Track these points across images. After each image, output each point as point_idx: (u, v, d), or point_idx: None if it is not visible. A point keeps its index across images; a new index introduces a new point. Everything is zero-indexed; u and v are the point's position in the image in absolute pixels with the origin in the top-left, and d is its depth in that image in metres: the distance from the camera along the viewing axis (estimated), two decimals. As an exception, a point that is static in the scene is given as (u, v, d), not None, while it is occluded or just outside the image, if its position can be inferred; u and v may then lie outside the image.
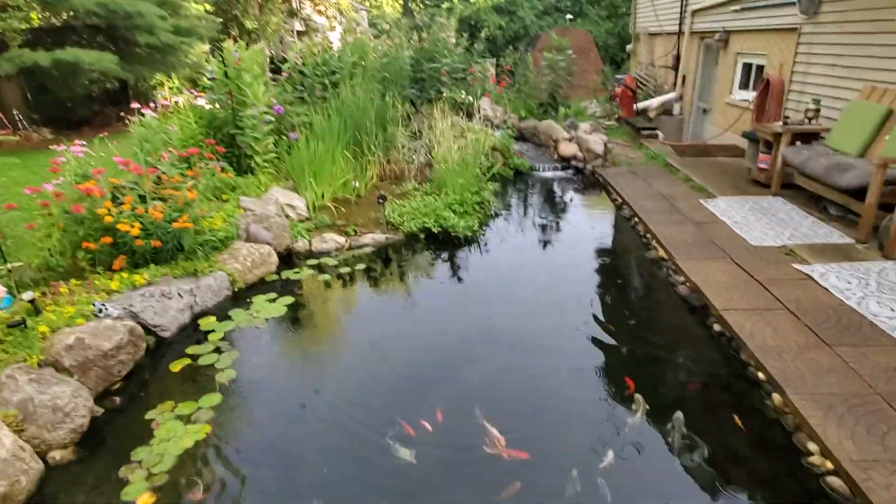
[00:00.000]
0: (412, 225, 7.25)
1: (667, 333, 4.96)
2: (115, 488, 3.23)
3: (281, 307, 5.37)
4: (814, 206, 7.12)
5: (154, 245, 5.15)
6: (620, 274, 6.32)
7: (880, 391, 3.56)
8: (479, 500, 3.16)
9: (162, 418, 3.80)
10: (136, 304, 4.62)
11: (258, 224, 6.38)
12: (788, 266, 5.43)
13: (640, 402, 3.84)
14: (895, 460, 3.01)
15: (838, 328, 4.30)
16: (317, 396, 4.16)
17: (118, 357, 4.15)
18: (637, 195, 8.14)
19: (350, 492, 3.24)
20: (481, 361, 4.49)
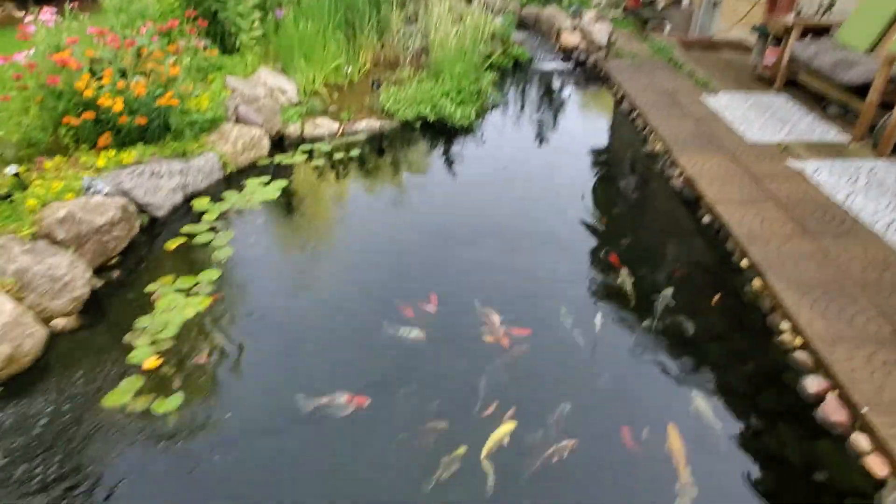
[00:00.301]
0: (408, 113, 7.03)
1: (658, 223, 5.05)
2: (121, 353, 3.38)
3: (274, 191, 5.33)
4: (815, 104, 6.98)
5: (140, 122, 4.97)
6: (616, 167, 6.28)
7: (854, 279, 3.72)
8: (474, 368, 3.36)
9: (162, 291, 3.89)
10: (125, 182, 4.55)
11: (247, 105, 6.14)
12: (783, 162, 5.43)
13: (625, 275, 4.08)
14: (859, 338, 3.22)
15: (823, 221, 4.40)
16: (314, 275, 4.27)
17: (112, 233, 4.16)
18: (639, 89, 7.88)
19: (349, 358, 3.42)
20: (477, 245, 4.57)
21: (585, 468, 2.77)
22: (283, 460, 2.81)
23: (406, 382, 3.23)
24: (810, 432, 2.90)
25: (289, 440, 2.91)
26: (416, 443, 2.87)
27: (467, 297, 3.90)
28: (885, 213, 4.47)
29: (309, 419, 3.01)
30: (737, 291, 3.96)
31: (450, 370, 3.34)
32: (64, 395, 3.08)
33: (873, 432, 2.68)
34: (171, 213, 4.85)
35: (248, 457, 2.81)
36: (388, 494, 2.67)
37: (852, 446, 2.75)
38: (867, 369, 2.99)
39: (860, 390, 2.87)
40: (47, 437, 2.84)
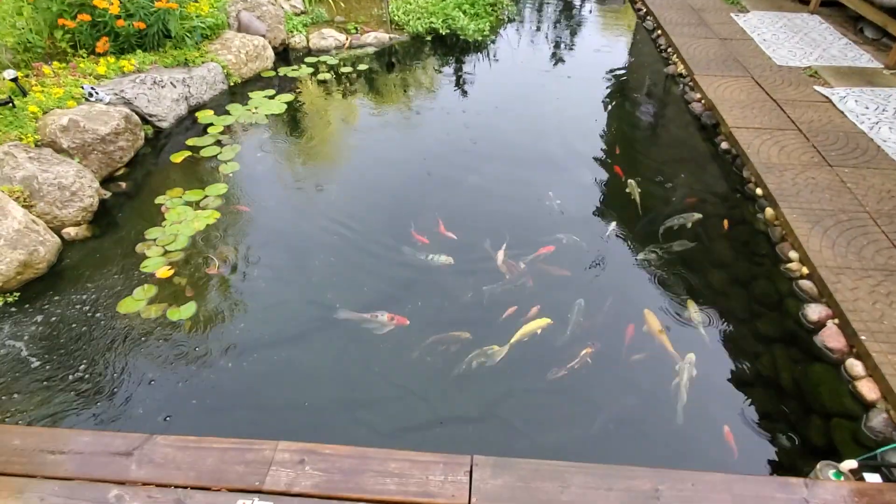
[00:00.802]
0: (418, 25, 6.69)
1: (674, 149, 4.92)
2: (133, 262, 3.43)
3: (280, 104, 5.18)
4: (850, 26, 6.56)
5: (138, 27, 4.75)
6: (635, 89, 6.04)
7: (869, 209, 3.66)
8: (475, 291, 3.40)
9: (171, 203, 3.90)
10: (127, 91, 4.43)
11: (250, 13, 5.84)
12: (809, 87, 5.19)
13: (633, 186, 4.16)
14: (866, 268, 3.21)
15: (845, 150, 4.26)
16: (322, 193, 4.24)
17: (117, 143, 4.10)
18: (664, 5, 7.41)
19: (354, 275, 3.47)
20: (486, 166, 4.50)
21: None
22: (293, 368, 2.92)
23: (412, 300, 3.29)
24: (806, 357, 2.97)
25: (297, 350, 3.01)
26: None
27: (480, 222, 3.89)
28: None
29: (325, 329, 3.10)
30: (748, 219, 3.92)
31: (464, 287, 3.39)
32: (80, 300, 3.16)
33: (869, 358, 2.74)
34: (176, 125, 4.76)
35: (260, 364, 2.91)
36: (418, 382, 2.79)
37: (846, 372, 2.82)
38: (870, 299, 3.01)
39: (860, 318, 2.90)
40: (66, 340, 2.95)
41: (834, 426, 2.65)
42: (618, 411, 2.75)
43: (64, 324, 3.02)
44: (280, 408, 2.75)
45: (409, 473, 2.02)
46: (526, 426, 2.67)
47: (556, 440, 2.62)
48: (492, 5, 7.31)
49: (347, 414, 2.75)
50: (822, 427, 2.67)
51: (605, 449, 2.60)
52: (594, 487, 1.96)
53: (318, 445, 2.10)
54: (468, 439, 2.62)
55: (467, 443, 2.60)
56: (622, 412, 2.75)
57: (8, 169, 3.47)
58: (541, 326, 3.10)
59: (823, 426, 2.67)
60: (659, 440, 2.65)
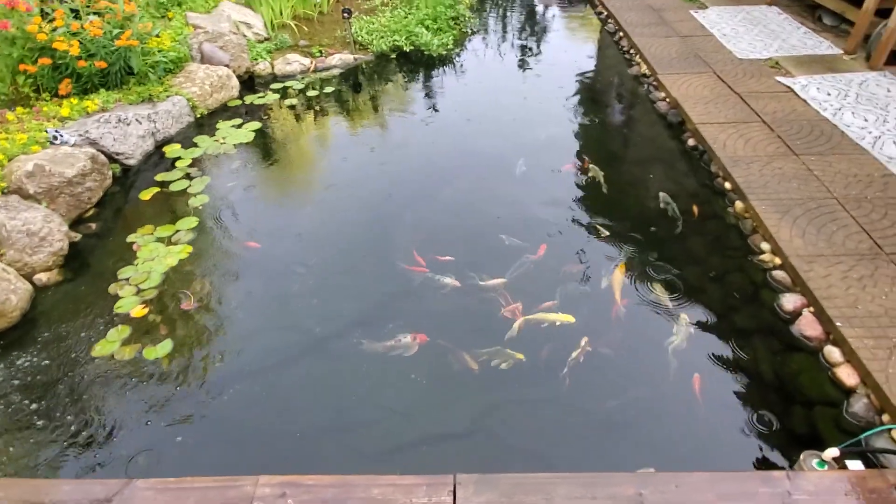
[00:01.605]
0: (382, 44, 6.73)
1: (643, 149, 4.97)
2: (107, 303, 3.38)
3: (248, 133, 5.17)
4: (809, 15, 6.72)
5: (99, 66, 4.72)
6: (600, 91, 6.11)
7: (837, 195, 3.72)
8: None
9: (143, 241, 3.85)
10: (92, 131, 4.39)
11: (212, 43, 5.84)
12: (771, 78, 5.29)
13: (597, 170, 4.31)
14: (837, 255, 3.25)
15: (809, 138, 4.34)
16: (294, 219, 4.22)
17: (85, 184, 4.05)
18: (623, 7, 7.53)
19: (337, 297, 3.44)
20: (456, 180, 4.51)
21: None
22: (274, 398, 2.88)
23: (392, 320, 3.27)
24: (785, 347, 2.98)
25: (278, 379, 2.97)
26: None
27: (455, 234, 3.89)
28: (873, 128, 4.42)
29: (305, 356, 3.07)
30: (719, 214, 3.96)
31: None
32: (54, 347, 3.10)
33: (846, 344, 2.77)
34: (144, 161, 4.72)
35: (241, 396, 2.87)
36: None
37: (825, 359, 2.84)
38: (843, 285, 3.04)
39: (835, 305, 2.93)
40: (42, 389, 2.88)
41: (816, 414, 2.67)
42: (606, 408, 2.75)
43: (39, 372, 2.96)
44: (264, 439, 2.70)
45: (393, 498, 1.99)
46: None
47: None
48: (454, 19, 7.38)
49: (332, 440, 2.71)
50: (805, 416, 2.68)
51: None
52: (578, 497, 1.95)
53: (299, 477, 2.06)
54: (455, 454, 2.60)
55: (455, 459, 2.58)
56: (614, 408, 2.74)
57: (-28, 220, 3.42)
58: (560, 320, 3.11)
59: (806, 415, 2.69)
60: (643, 432, 2.64)
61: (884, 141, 4.21)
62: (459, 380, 2.92)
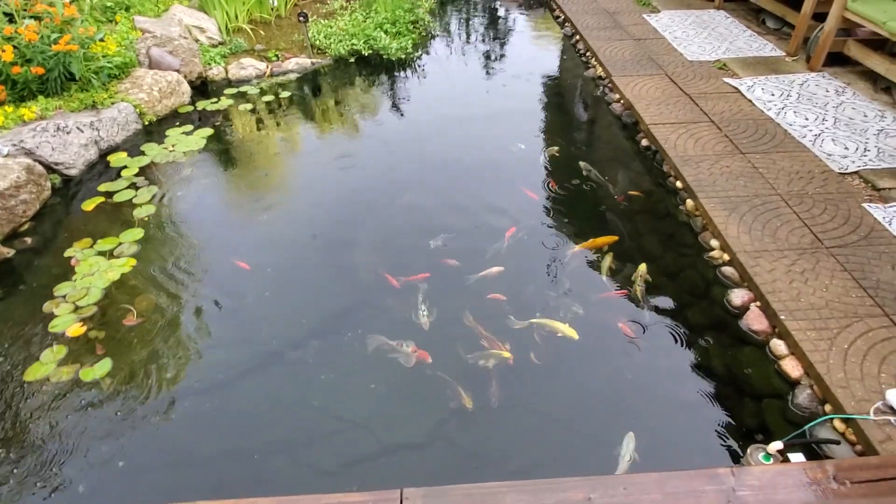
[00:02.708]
0: (340, 48, 6.64)
1: (597, 151, 5.02)
2: (41, 323, 3.21)
3: (199, 140, 5.02)
4: (754, 19, 6.93)
5: (36, 72, 4.52)
6: (557, 94, 6.16)
7: (780, 192, 3.81)
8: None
9: (82, 255, 3.68)
10: (28, 141, 4.18)
11: (161, 48, 5.66)
12: (719, 80, 5.42)
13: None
14: (781, 249, 3.33)
15: (754, 137, 4.45)
16: (246, 227, 4.11)
17: (19, 197, 3.86)
18: (580, 11, 7.63)
19: (289, 309, 3.35)
20: (420, 186, 4.47)
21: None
22: (226, 415, 2.77)
23: (353, 327, 3.20)
24: (735, 342, 3.03)
25: (230, 394, 2.87)
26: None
27: (418, 242, 3.85)
28: (813, 126, 4.56)
29: (259, 370, 2.97)
30: (671, 212, 4.02)
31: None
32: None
33: (790, 337, 2.82)
34: (87, 171, 4.53)
35: (190, 415, 2.76)
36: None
37: (771, 352, 2.90)
38: (787, 279, 3.11)
39: (779, 299, 2.99)
40: (-33, 415, 2.71)
41: (765, 407, 2.71)
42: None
43: (-37, 399, 2.78)
44: (215, 460, 2.60)
45: (339, 516, 1.92)
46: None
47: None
48: (413, 23, 7.35)
49: (287, 456, 2.62)
50: (755, 409, 2.73)
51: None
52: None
53: (240, 501, 1.97)
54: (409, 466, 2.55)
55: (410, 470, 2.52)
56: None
57: None
58: (564, 332, 3.06)
59: (755, 408, 2.73)
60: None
61: (823, 139, 4.36)
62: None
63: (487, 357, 2.97)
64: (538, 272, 3.58)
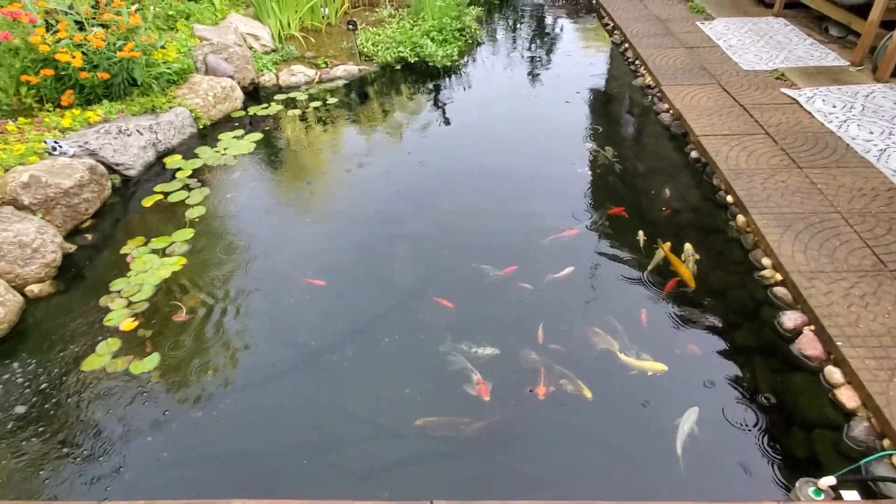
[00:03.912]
0: (387, 55, 6.75)
1: (646, 162, 4.90)
2: (97, 316, 3.37)
3: (249, 144, 5.18)
4: (815, 27, 6.63)
5: (102, 77, 4.77)
6: (604, 103, 6.05)
7: (840, 209, 3.62)
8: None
9: (137, 252, 3.85)
10: (92, 142, 4.42)
11: (217, 55, 5.88)
12: (776, 90, 5.20)
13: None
14: (840, 271, 3.15)
15: (814, 151, 4.24)
16: (290, 229, 4.21)
17: (82, 195, 4.07)
18: (630, 18, 7.49)
19: (326, 310, 3.41)
20: (455, 192, 4.47)
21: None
22: (263, 414, 2.84)
23: (387, 333, 3.23)
24: (785, 367, 2.89)
25: (268, 394, 2.93)
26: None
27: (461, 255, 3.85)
28: (878, 140, 4.31)
29: (297, 371, 3.03)
30: (720, 227, 3.87)
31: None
32: (43, 361, 3.09)
33: (846, 365, 2.67)
34: (144, 172, 4.74)
35: (230, 411, 2.83)
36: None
37: (825, 380, 2.74)
38: (844, 302, 2.94)
39: (836, 324, 2.83)
40: (28, 404, 2.87)
41: (816, 438, 2.57)
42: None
43: (25, 387, 2.95)
44: (251, 455, 2.66)
45: (369, 524, 1.93)
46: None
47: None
48: (459, 31, 7.38)
49: (318, 457, 2.66)
50: (805, 440, 2.58)
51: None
52: (560, 526, 1.88)
53: (273, 501, 2.01)
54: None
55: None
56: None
57: (-32, 230, 3.44)
58: (654, 370, 2.95)
59: (806, 438, 2.59)
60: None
61: (889, 154, 4.11)
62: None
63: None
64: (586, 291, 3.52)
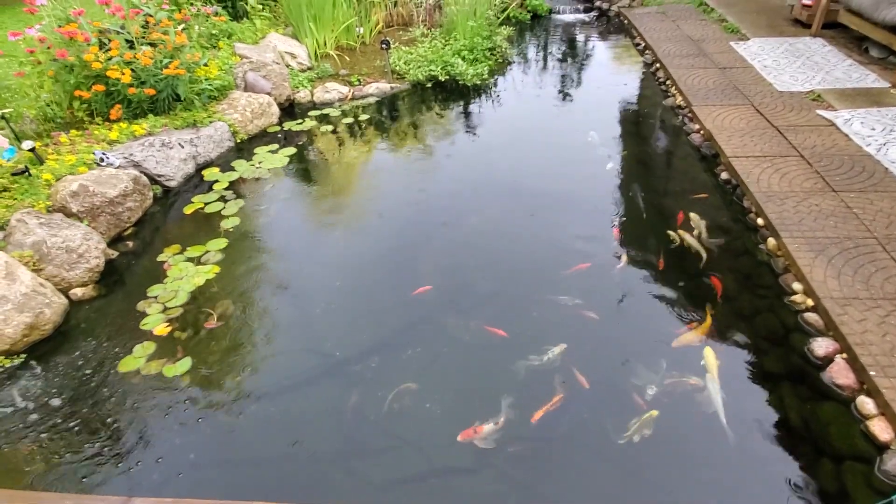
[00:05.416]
0: (418, 73, 6.89)
1: (674, 182, 4.86)
2: (135, 320, 3.52)
3: (283, 158, 5.35)
4: (855, 47, 6.49)
5: (148, 93, 5.02)
6: (633, 123, 6.03)
7: (877, 235, 3.52)
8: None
9: (173, 260, 4.01)
10: (136, 154, 4.65)
11: (256, 72, 6.12)
12: (812, 112, 5.11)
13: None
14: (875, 298, 3.07)
15: (850, 175, 4.15)
16: (320, 241, 4.32)
17: (126, 204, 4.27)
18: (662, 39, 7.48)
19: (354, 321, 3.48)
20: (484, 210, 4.52)
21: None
22: (290, 421, 2.90)
23: (413, 345, 3.27)
24: (815, 395, 2.81)
25: (295, 401, 3.00)
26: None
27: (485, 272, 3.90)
28: (919, 165, 4.19)
29: (323, 379, 3.10)
30: (750, 250, 3.81)
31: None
32: (82, 361, 3.25)
33: (880, 396, 2.59)
34: (184, 183, 4.95)
35: (256, 417, 2.91)
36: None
37: (857, 410, 2.66)
38: (879, 331, 2.86)
39: (870, 352, 2.75)
40: (67, 402, 3.01)
41: (846, 470, 2.49)
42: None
43: (65, 385, 3.10)
44: (276, 461, 2.72)
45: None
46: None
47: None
48: (490, 50, 7.49)
49: (343, 466, 2.71)
50: (834, 471, 2.51)
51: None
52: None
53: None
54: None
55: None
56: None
57: (19, 235, 3.65)
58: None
59: (835, 470, 2.51)
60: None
61: (932, 179, 3.99)
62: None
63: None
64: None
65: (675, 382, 2.94)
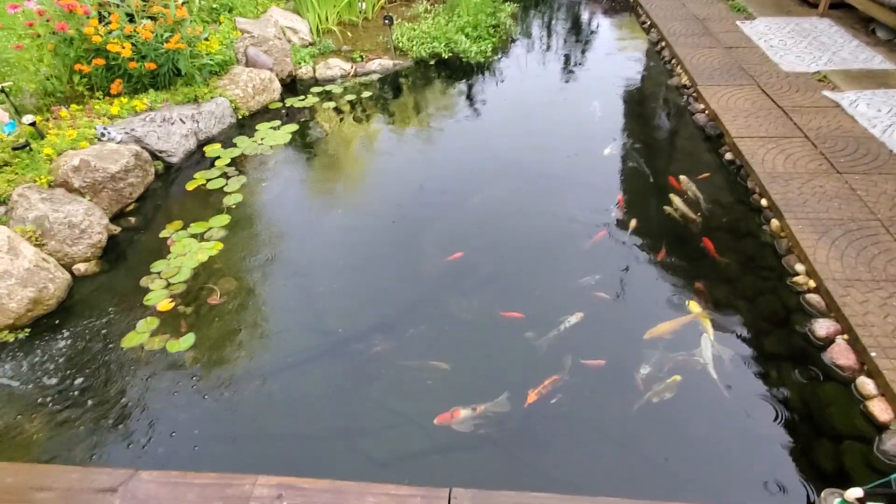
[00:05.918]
0: (421, 50, 6.80)
1: (678, 162, 4.84)
2: (138, 295, 3.53)
3: (285, 134, 5.31)
4: (862, 28, 6.40)
5: (149, 68, 4.95)
6: (637, 102, 5.97)
7: (881, 217, 3.52)
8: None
9: (176, 236, 4.01)
10: (138, 129, 4.61)
11: (257, 48, 6.03)
12: (818, 93, 5.06)
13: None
14: (877, 280, 3.08)
15: (854, 156, 4.13)
16: (323, 219, 4.31)
17: (127, 180, 4.25)
18: (667, 17, 7.37)
19: (357, 299, 3.50)
20: (487, 187, 4.51)
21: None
22: (292, 397, 2.93)
23: (415, 325, 3.29)
24: (815, 375, 2.84)
25: (297, 378, 3.03)
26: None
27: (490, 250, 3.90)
28: (925, 147, 4.17)
29: (326, 357, 3.13)
30: (753, 231, 3.81)
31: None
32: (86, 335, 3.26)
33: (880, 377, 2.61)
34: (186, 160, 4.91)
35: (259, 393, 2.94)
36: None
37: (857, 391, 2.69)
38: (881, 312, 2.88)
39: (871, 334, 2.77)
40: (70, 376, 3.03)
41: (845, 450, 2.52)
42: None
43: (69, 359, 3.12)
44: (277, 437, 2.76)
45: (389, 507, 1.99)
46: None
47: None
48: (494, 27, 7.38)
49: (344, 442, 2.75)
50: (833, 451, 2.55)
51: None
52: (578, 519, 1.91)
53: (296, 479, 2.09)
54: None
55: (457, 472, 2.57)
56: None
57: (21, 210, 3.64)
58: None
59: (834, 450, 2.55)
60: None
61: (938, 162, 3.97)
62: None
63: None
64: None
65: (665, 359, 2.97)
